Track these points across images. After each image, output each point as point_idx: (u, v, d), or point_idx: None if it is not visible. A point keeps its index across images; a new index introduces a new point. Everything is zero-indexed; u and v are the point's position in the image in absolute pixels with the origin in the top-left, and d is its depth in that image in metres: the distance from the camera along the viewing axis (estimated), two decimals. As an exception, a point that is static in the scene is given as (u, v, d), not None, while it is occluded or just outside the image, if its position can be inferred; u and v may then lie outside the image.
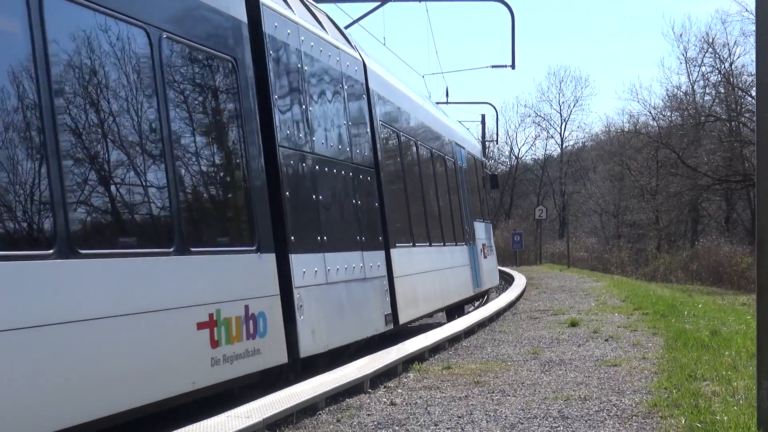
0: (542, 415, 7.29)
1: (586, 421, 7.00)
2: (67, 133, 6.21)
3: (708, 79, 52.21)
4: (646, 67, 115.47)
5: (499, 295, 22.65)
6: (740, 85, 47.92)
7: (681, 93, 55.23)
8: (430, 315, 15.82)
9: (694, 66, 53.92)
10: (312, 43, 10.62)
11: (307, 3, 11.62)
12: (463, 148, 21.01)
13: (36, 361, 5.53)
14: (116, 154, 6.80)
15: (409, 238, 14.23)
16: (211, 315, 7.54)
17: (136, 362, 6.56)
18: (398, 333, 13.26)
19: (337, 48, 11.67)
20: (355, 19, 21.65)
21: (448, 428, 6.91)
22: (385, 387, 8.86)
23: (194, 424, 6.44)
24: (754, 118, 5.86)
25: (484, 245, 22.07)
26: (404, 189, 14.40)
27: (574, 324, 14.34)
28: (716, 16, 78.31)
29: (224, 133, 8.51)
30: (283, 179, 9.22)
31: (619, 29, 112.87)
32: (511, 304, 19.06)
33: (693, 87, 54.57)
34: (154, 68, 7.22)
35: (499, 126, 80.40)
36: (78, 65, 6.41)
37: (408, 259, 13.78)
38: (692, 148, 48.54)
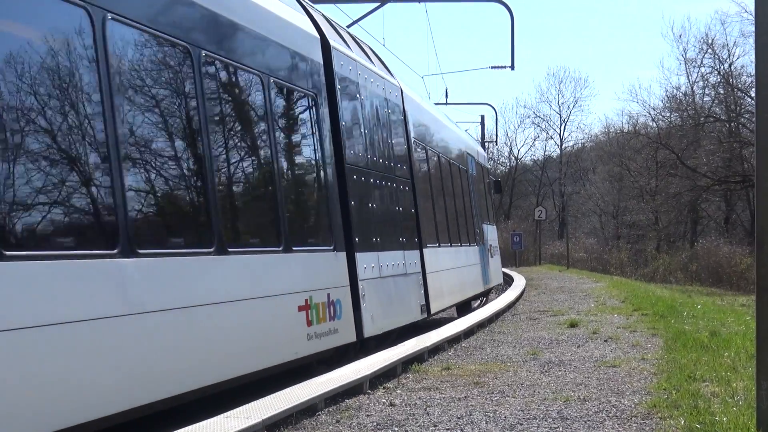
0: (541, 415, 7.29)
1: (585, 422, 7.00)
2: (219, 171, 8.36)
3: (707, 79, 52.29)
4: (646, 68, 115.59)
5: (499, 295, 22.65)
6: (740, 85, 47.94)
7: (680, 94, 55.28)
8: (451, 307, 18.05)
9: (694, 67, 54.00)
10: (366, 76, 12.75)
11: (355, 37, 13.85)
12: (473, 156, 23.31)
13: (199, 330, 7.48)
14: (237, 181, 9.08)
15: (436, 239, 16.19)
16: (306, 300, 9.61)
17: (263, 335, 8.70)
18: (428, 323, 14.99)
19: (382, 78, 13.85)
20: (354, 19, 21.66)
21: (447, 429, 6.91)
22: (384, 388, 8.86)
23: (194, 425, 6.44)
24: (754, 119, 5.86)
25: (491, 246, 24.32)
26: (431, 196, 16.45)
27: (573, 325, 14.34)
28: (715, 16, 78.54)
29: (311, 155, 10.63)
30: (350, 191, 11.27)
31: (618, 30, 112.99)
32: (511, 305, 19.06)
33: (692, 88, 54.63)
34: (266, 104, 9.33)
35: (498, 127, 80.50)
36: (216, 111, 8.54)
37: (436, 257, 15.72)
38: (692, 148, 48.56)
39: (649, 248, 54.06)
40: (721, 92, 50.38)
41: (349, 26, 20.01)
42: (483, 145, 50.63)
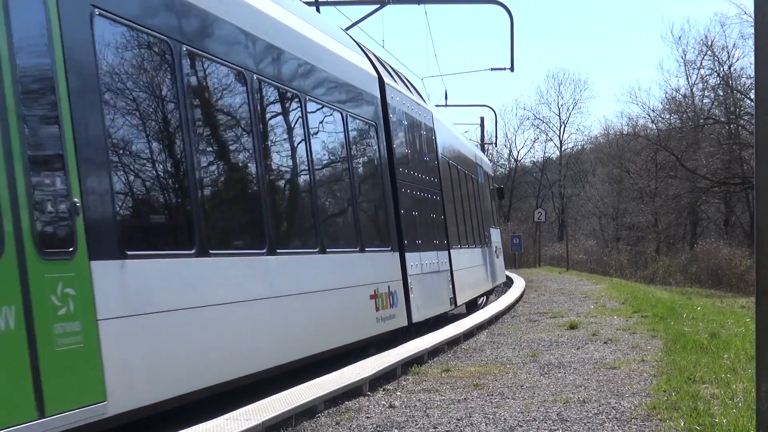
0: (541, 417, 7.29)
1: (585, 424, 7.00)
2: (321, 189, 11.03)
3: (707, 81, 52.32)
4: (645, 70, 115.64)
5: (498, 297, 22.66)
6: (739, 87, 47.99)
7: (680, 96, 55.33)
8: (470, 300, 20.36)
9: (693, 69, 54.05)
10: (407, 104, 15.20)
11: (395, 70, 16.35)
12: (481, 166, 26.13)
13: (310, 310, 9.87)
14: (330, 198, 11.57)
15: (458, 242, 18.69)
16: (374, 290, 12.08)
17: (349, 317, 11.23)
18: (449, 315, 17.24)
19: (418, 104, 16.45)
20: (354, 21, 21.68)
21: (447, 431, 6.91)
22: (384, 390, 8.86)
23: (194, 426, 6.44)
24: (753, 121, 5.86)
25: (496, 247, 27.02)
26: (454, 204, 18.86)
27: (573, 327, 14.34)
28: (715, 18, 78.62)
29: (375, 174, 13.13)
30: (400, 202, 13.68)
31: (618, 32, 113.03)
32: (510, 307, 19.07)
33: (692, 90, 54.66)
34: (345, 134, 11.83)
35: (498, 129, 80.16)
36: (319, 145, 10.95)
37: (459, 257, 18.29)
38: (691, 150, 48.59)
39: (648, 250, 54.06)
40: (721, 94, 50.42)
41: (348, 28, 20.09)
42: (483, 147, 50.75)
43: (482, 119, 54.27)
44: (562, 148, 74.60)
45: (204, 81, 8.30)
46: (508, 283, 30.24)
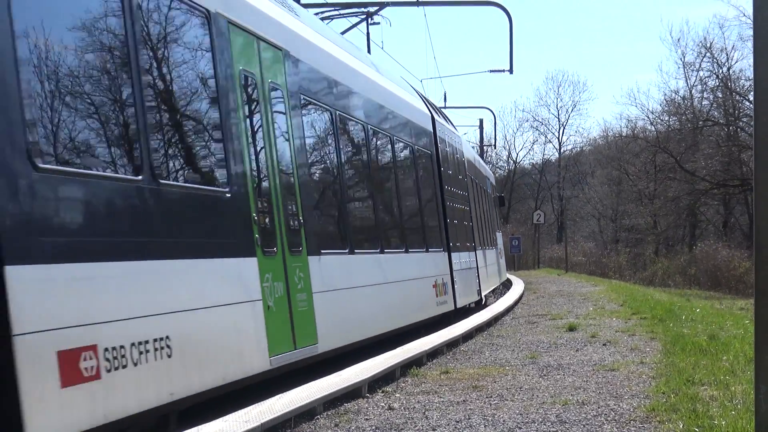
0: (540, 419, 7.29)
1: (584, 426, 7.00)
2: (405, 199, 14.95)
3: (706, 83, 52.34)
4: (644, 72, 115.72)
5: (497, 299, 22.65)
6: (738, 89, 48.00)
7: (679, 97, 55.33)
8: (488, 293, 23.84)
9: (692, 70, 54.05)
10: (447, 133, 19.24)
11: (434, 104, 20.50)
12: (489, 179, 30.89)
13: (402, 294, 13.49)
14: (409, 210, 15.02)
15: (480, 244, 22.45)
16: (435, 281, 15.63)
17: (422, 300, 14.84)
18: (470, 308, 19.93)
19: (453, 131, 21.15)
20: (352, 24, 21.69)
21: (446, 433, 6.91)
22: (383, 391, 8.86)
23: (194, 428, 6.43)
24: (752, 123, 5.86)
25: (500, 249, 31.33)
26: (476, 212, 22.67)
27: (572, 328, 14.34)
28: (714, 20, 78.45)
29: (432, 192, 16.74)
30: (447, 214, 17.37)
31: (617, 34, 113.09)
32: (509, 309, 19.07)
33: (691, 91, 54.66)
34: (413, 161, 15.55)
35: (497, 131, 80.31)
36: (400, 170, 14.83)
37: (481, 257, 22.14)
38: (690, 152, 48.59)
39: (647, 252, 54.04)
40: (720, 96, 50.42)
41: (346, 30, 20.14)
42: (482, 149, 50.83)
43: (481, 121, 54.28)
44: (561, 150, 74.68)
45: (348, 133, 12.19)
46: (507, 284, 30.24)
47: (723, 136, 48.58)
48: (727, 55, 50.21)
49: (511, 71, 26.71)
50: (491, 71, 35.18)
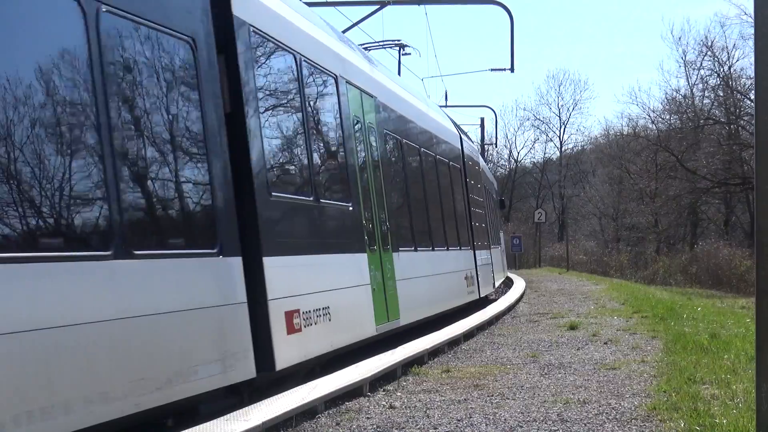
0: (541, 418, 7.29)
1: (585, 425, 7.00)
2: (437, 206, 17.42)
3: (707, 82, 52.31)
4: (645, 71, 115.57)
5: (498, 298, 22.66)
6: (739, 88, 47.97)
7: (680, 96, 55.29)
8: (498, 285, 27.51)
9: (693, 69, 54.02)
10: (470, 148, 23.09)
11: (457, 122, 23.69)
12: (494, 183, 35.31)
13: (443, 285, 16.48)
14: (448, 217, 17.78)
15: (491, 243, 25.92)
16: (465, 274, 18.49)
17: (458, 290, 17.67)
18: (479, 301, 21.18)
19: (473, 146, 25.40)
20: (354, 22, 21.70)
21: (447, 431, 6.91)
22: (384, 390, 8.86)
23: (194, 427, 6.44)
24: (753, 121, 5.86)
25: (503, 247, 35.33)
26: (489, 214, 26.62)
27: (573, 327, 14.34)
28: (715, 19, 78.63)
29: (461, 199, 19.77)
30: (471, 217, 20.55)
31: (618, 32, 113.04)
32: (510, 308, 19.07)
33: (692, 90, 54.63)
34: (449, 177, 18.42)
35: (498, 129, 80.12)
36: (442, 183, 17.62)
37: (493, 254, 25.29)
38: (691, 151, 48.56)
39: (648, 251, 54.02)
40: (721, 94, 50.40)
41: (348, 29, 20.14)
42: (483, 148, 50.86)
43: (482, 120, 54.21)
44: (563, 149, 74.60)
45: (410, 156, 15.10)
46: (508, 283, 30.24)
47: (724, 134, 48.54)
48: (728, 53, 50.26)
49: (512, 70, 26.64)
50: (492, 70, 35.01)
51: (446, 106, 42.74)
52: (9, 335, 5.14)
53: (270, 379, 8.33)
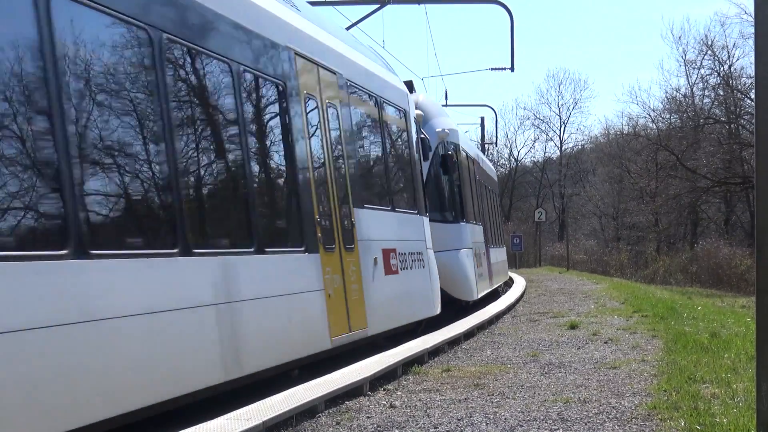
0: (542, 417, 7.29)
1: (585, 424, 7.00)
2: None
3: (707, 81, 52.29)
4: (645, 70, 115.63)
5: (499, 297, 22.68)
6: (739, 87, 47.95)
7: (680, 95, 55.31)
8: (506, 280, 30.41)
9: (693, 68, 54.02)
10: (481, 158, 27.48)
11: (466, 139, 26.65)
12: (495, 182, 35.48)
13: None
14: (491, 225, 25.38)
15: (502, 241, 30.72)
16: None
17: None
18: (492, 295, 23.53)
19: (485, 159, 29.35)
20: (354, 21, 21.74)
21: (447, 431, 6.91)
22: (384, 389, 8.86)
23: (194, 427, 6.44)
24: (753, 121, 5.85)
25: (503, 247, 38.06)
26: (496, 214, 29.83)
27: (573, 326, 14.34)
28: (715, 18, 78.62)
29: (498, 208, 31.48)
30: (487, 220, 24.23)
31: (618, 31, 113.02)
32: (511, 307, 19.07)
33: (692, 89, 54.63)
34: (487, 194, 25.54)
35: (498, 128, 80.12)
36: (482, 193, 24.26)
37: (504, 252, 30.18)
38: (691, 150, 48.54)
39: (649, 250, 54.05)
40: (721, 94, 50.39)
41: (348, 28, 20.17)
42: (483, 147, 50.89)
43: (482, 119, 54.24)
44: (563, 148, 74.61)
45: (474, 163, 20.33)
46: (509, 282, 30.26)
47: (724, 133, 48.54)
48: (728, 52, 50.24)
49: (512, 69, 26.73)
50: (492, 69, 35.00)
51: (446, 105, 42.77)
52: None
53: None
